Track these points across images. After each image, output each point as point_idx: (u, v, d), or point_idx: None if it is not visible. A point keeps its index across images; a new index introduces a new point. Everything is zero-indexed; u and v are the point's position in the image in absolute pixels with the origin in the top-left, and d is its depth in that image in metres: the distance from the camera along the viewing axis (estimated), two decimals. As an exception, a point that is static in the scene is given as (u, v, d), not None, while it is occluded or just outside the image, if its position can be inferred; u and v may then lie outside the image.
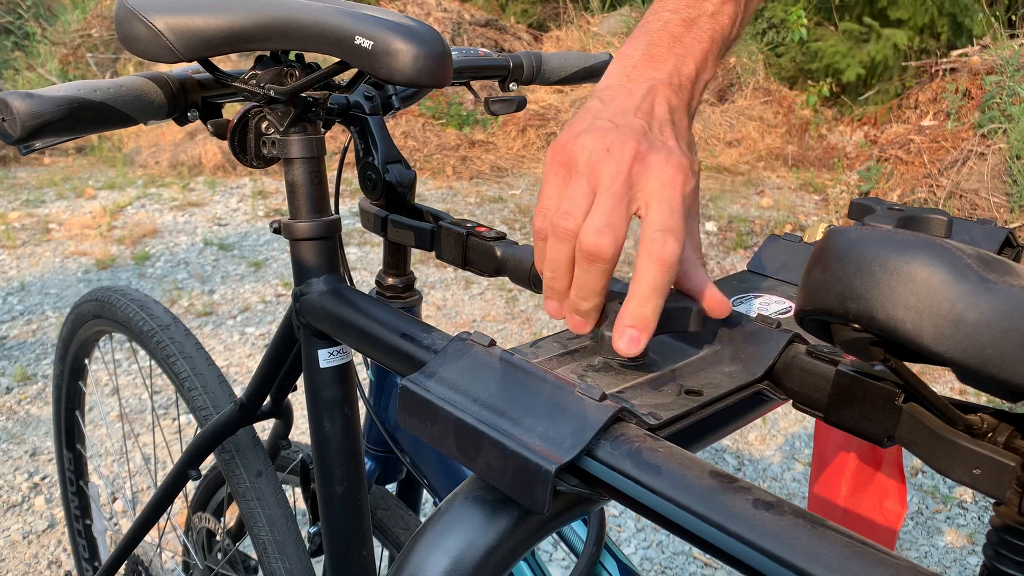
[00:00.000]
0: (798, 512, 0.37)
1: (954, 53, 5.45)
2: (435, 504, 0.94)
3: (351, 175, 4.25)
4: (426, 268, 3.62)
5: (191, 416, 2.31)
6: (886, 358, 0.42)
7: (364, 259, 3.74)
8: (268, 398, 0.91)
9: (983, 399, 2.39)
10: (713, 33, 0.56)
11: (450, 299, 3.39)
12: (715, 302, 0.52)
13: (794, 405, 0.52)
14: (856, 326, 0.41)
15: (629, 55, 0.55)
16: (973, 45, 5.42)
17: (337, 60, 0.57)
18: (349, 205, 4.30)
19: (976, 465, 0.41)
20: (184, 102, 0.70)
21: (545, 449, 0.41)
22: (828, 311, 0.41)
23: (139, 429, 2.41)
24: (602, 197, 0.48)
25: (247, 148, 0.70)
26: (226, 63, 4.10)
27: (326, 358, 0.72)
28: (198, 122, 0.72)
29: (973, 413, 0.42)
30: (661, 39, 0.55)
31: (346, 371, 0.75)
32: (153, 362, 1.12)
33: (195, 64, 0.69)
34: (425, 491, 1.00)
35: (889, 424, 0.46)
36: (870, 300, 0.39)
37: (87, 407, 1.48)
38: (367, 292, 0.77)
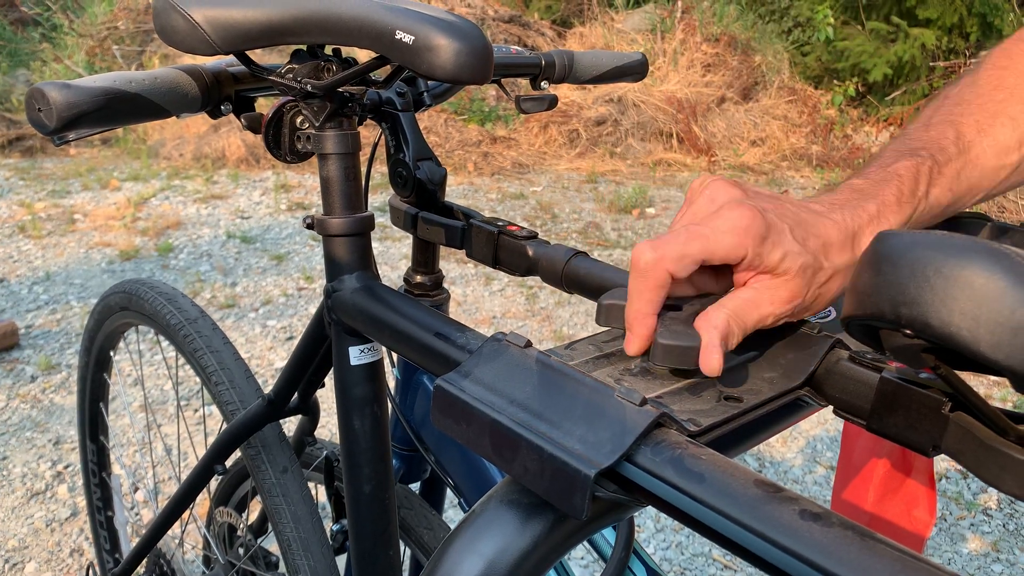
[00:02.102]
0: (847, 524, 0.36)
1: (983, 53, 5.38)
2: (459, 504, 0.94)
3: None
4: (446, 264, 3.62)
5: (213, 408, 2.32)
6: (937, 365, 0.41)
7: (385, 253, 3.75)
8: (296, 395, 0.91)
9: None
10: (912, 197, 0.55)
11: (470, 295, 3.39)
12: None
13: (835, 411, 0.51)
14: (908, 332, 0.40)
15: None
16: (1003, 46, 5.34)
17: (375, 55, 0.57)
18: (370, 199, 4.31)
19: (1028, 477, 0.40)
20: (218, 95, 0.70)
21: (584, 453, 0.40)
22: (879, 316, 0.40)
23: (160, 420, 2.42)
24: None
25: (281, 142, 0.70)
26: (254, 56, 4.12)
27: (357, 355, 0.72)
28: (222, 115, 0.72)
29: (1025, 424, 0.41)
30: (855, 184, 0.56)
31: (376, 369, 0.74)
32: (177, 354, 1.12)
33: (229, 58, 0.68)
34: (449, 491, 0.99)
35: (935, 433, 0.45)
36: (924, 306, 0.38)
37: (111, 398, 1.48)
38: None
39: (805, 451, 2.47)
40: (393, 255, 3.75)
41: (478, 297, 3.38)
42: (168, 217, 4.11)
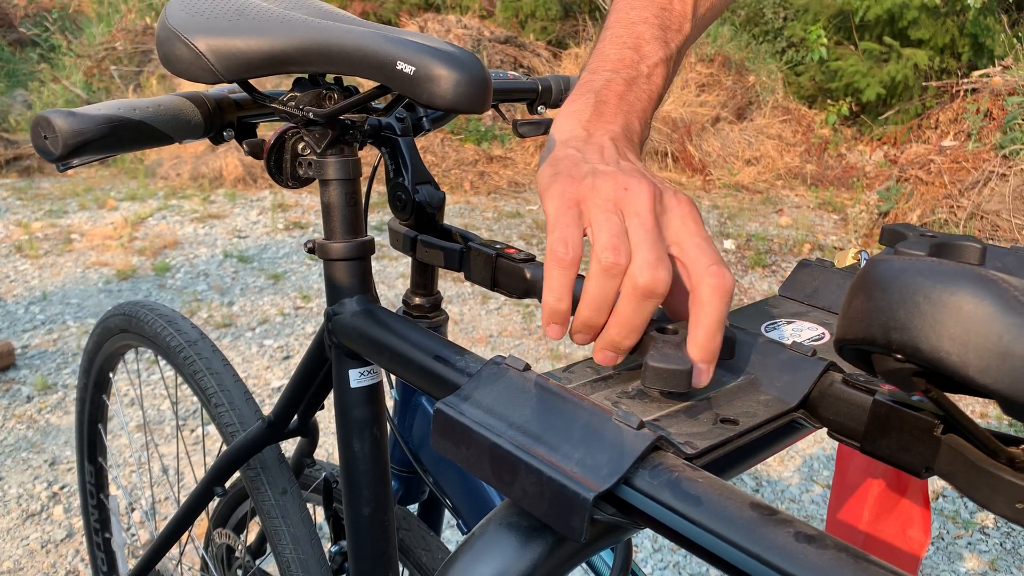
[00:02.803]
0: (841, 546, 0.37)
1: (975, 74, 5.43)
2: (457, 526, 0.94)
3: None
4: (443, 283, 3.63)
5: (211, 427, 2.32)
6: (928, 388, 0.41)
7: (382, 272, 3.76)
8: (295, 417, 0.91)
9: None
10: (650, 92, 0.61)
11: (467, 314, 3.39)
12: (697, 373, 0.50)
13: (829, 434, 0.51)
14: (899, 356, 0.40)
15: (580, 111, 0.58)
16: (995, 66, 5.40)
17: (376, 84, 0.58)
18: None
19: (1019, 499, 0.41)
20: (220, 122, 0.71)
21: (583, 476, 0.41)
22: (870, 341, 0.41)
23: (158, 440, 2.42)
24: (640, 233, 0.49)
25: (283, 168, 0.71)
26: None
27: (357, 378, 0.73)
28: (221, 135, 0.73)
29: (1016, 446, 0.42)
30: (607, 97, 0.59)
31: (376, 391, 0.75)
32: (175, 374, 1.12)
33: (231, 84, 0.69)
34: (447, 512, 1.00)
35: (928, 455, 0.45)
36: (914, 331, 0.39)
37: (109, 419, 1.49)
38: (391, 309, 0.77)
39: (802, 470, 2.47)
40: (390, 274, 3.76)
41: (475, 316, 3.38)
42: (165, 237, 4.11)
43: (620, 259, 0.48)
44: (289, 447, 1.08)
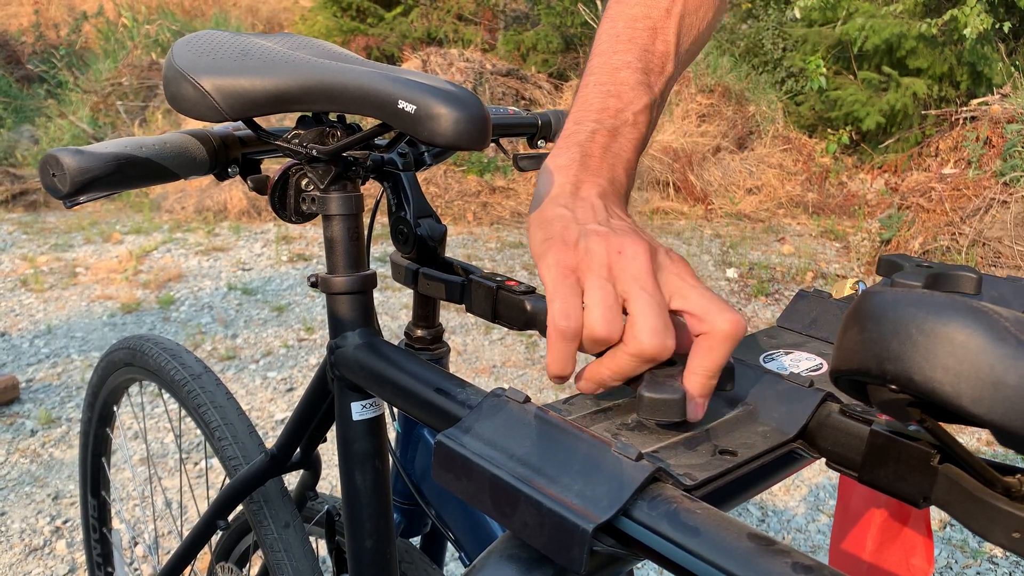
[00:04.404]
0: (838, 577, 0.37)
1: (974, 102, 5.47)
2: (460, 559, 0.94)
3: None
4: (447, 313, 3.64)
5: (214, 460, 2.32)
6: (923, 419, 0.42)
7: (386, 303, 3.77)
8: (298, 449, 0.91)
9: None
10: (635, 140, 0.61)
11: (470, 344, 3.39)
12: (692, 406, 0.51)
13: (828, 464, 0.52)
14: (893, 387, 0.41)
15: (566, 167, 0.58)
16: (993, 94, 5.44)
17: (379, 122, 0.59)
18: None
19: (1016, 528, 0.41)
20: (225, 158, 0.72)
21: (582, 508, 0.41)
22: (865, 372, 0.41)
23: (161, 473, 2.41)
24: (642, 297, 0.50)
25: (287, 204, 0.72)
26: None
27: (359, 411, 0.73)
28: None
29: (1012, 475, 0.42)
30: (592, 150, 0.59)
31: (378, 424, 0.75)
32: (179, 407, 1.13)
33: (237, 122, 0.71)
34: (450, 545, 0.99)
35: (925, 485, 0.46)
36: (907, 362, 0.39)
37: (113, 452, 1.49)
38: (393, 339, 0.78)
39: (808, 499, 2.46)
40: (393, 305, 3.76)
41: (478, 346, 3.39)
42: (170, 270, 4.13)
43: (613, 335, 0.50)
44: (293, 480, 1.08)
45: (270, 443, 1.73)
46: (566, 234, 0.53)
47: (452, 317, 3.62)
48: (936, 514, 2.29)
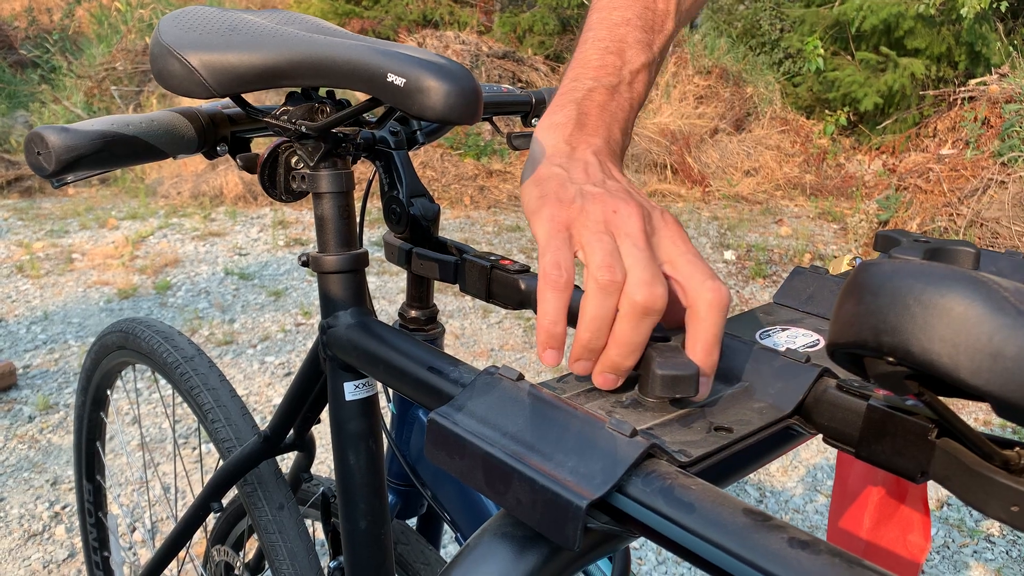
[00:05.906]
0: (834, 551, 0.36)
1: (972, 82, 5.45)
2: (456, 539, 0.93)
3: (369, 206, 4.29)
4: (444, 297, 3.63)
5: (210, 445, 2.32)
6: (920, 392, 0.41)
7: (383, 288, 3.76)
8: (292, 431, 0.91)
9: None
10: (632, 99, 0.60)
11: (468, 328, 3.39)
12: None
13: (825, 440, 0.51)
14: (891, 359, 0.40)
15: (562, 124, 0.58)
16: (991, 74, 5.41)
17: (368, 97, 0.58)
18: (366, 234, 4.33)
19: (1014, 502, 0.41)
20: (214, 136, 0.71)
21: (576, 484, 0.41)
22: (861, 344, 0.41)
23: (158, 458, 2.41)
24: (633, 253, 0.49)
25: (276, 182, 0.71)
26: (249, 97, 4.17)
27: (352, 391, 0.73)
28: (221, 153, 0.74)
29: (1010, 448, 0.42)
30: (589, 108, 0.58)
31: (371, 404, 0.75)
32: (173, 392, 1.12)
33: (224, 100, 0.70)
34: (446, 526, 0.99)
35: (922, 459, 0.45)
36: (905, 333, 0.38)
37: (107, 437, 1.48)
38: (390, 324, 0.77)
39: (806, 480, 2.46)
40: (391, 289, 3.76)
41: (476, 330, 3.38)
42: (166, 255, 4.12)
43: (616, 276, 0.48)
44: (288, 463, 1.07)
45: (267, 427, 1.73)
46: (561, 192, 0.52)
47: (450, 301, 3.62)
48: (933, 493, 2.30)
